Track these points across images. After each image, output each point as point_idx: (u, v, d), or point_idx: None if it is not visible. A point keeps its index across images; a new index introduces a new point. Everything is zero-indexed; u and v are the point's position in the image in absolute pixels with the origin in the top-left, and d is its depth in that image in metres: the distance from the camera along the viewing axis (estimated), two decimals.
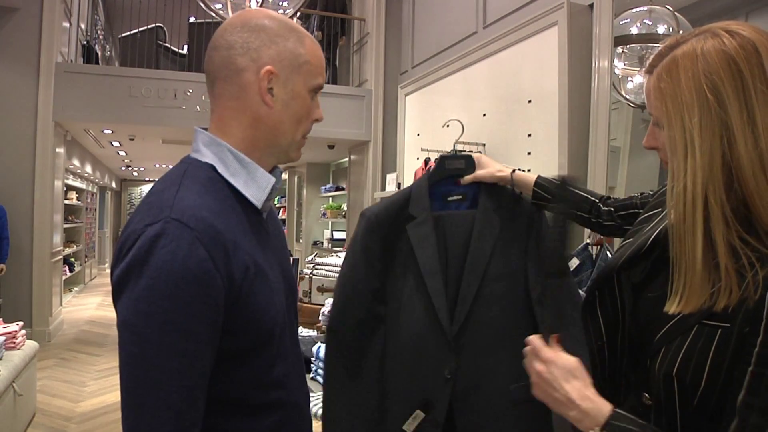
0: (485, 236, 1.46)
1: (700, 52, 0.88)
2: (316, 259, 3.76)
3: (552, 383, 0.98)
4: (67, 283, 9.77)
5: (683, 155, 0.88)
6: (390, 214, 1.48)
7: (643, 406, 1.02)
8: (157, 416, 0.84)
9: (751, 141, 0.84)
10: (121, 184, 17.56)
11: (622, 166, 3.59)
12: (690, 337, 0.90)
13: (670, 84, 0.91)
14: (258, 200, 1.03)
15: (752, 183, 0.84)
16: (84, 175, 10.74)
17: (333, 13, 7.28)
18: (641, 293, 1.06)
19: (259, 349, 0.98)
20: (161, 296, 0.84)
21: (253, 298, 0.94)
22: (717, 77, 0.86)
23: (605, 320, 1.12)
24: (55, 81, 6.05)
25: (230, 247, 0.91)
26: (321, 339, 2.63)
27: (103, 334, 7.24)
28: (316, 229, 9.82)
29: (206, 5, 3.51)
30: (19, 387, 3.64)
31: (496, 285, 1.45)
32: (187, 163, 1.02)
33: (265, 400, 1.01)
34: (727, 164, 0.85)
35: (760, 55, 0.85)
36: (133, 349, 0.85)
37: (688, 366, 0.89)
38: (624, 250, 1.11)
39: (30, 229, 6.16)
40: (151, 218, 0.88)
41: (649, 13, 3.18)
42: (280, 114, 1.02)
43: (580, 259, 2.92)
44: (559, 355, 1.01)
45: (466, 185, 1.53)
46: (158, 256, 0.84)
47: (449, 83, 5.38)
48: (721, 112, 0.85)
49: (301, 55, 1.02)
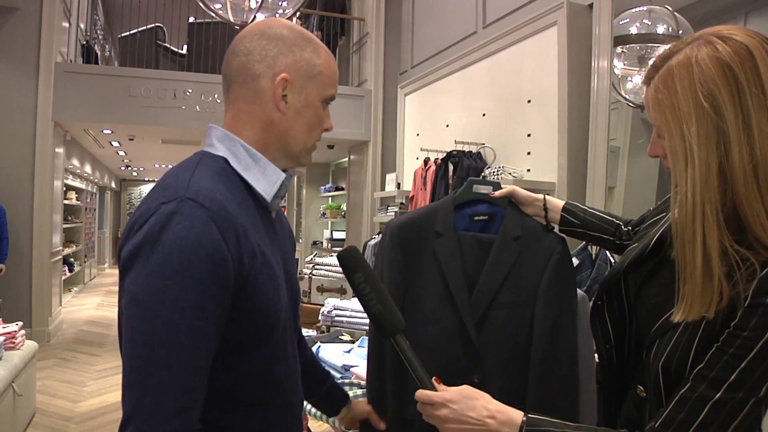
0: (500, 263, 1.48)
1: (695, 60, 0.89)
2: (316, 259, 3.77)
3: (461, 418, 1.02)
4: (67, 283, 9.76)
5: (684, 165, 0.89)
6: (413, 229, 1.51)
7: (639, 398, 1.05)
8: (164, 393, 0.83)
9: (746, 147, 0.85)
10: (120, 184, 17.56)
11: (621, 166, 3.59)
12: (679, 329, 0.93)
13: (667, 95, 0.92)
14: (268, 194, 1.05)
15: (743, 190, 0.85)
16: (83, 175, 10.73)
17: (332, 13, 7.27)
18: (642, 291, 1.08)
19: (259, 343, 0.99)
20: (174, 272, 0.84)
21: (259, 288, 0.95)
22: (713, 84, 0.86)
23: (613, 323, 1.14)
24: (54, 81, 6.05)
25: (241, 232, 0.92)
26: (321, 339, 2.63)
27: (102, 334, 7.24)
28: (315, 229, 9.82)
29: (206, 5, 3.51)
30: (19, 387, 3.63)
31: (501, 312, 1.47)
32: (201, 154, 1.03)
33: (260, 397, 1.02)
34: (723, 171, 0.86)
35: (755, 58, 0.86)
36: (142, 325, 0.84)
37: (673, 357, 0.93)
38: (629, 253, 1.14)
39: (29, 229, 6.16)
40: (166, 197, 0.89)
41: (649, 13, 3.19)
42: (292, 121, 1.05)
43: (579, 259, 2.93)
44: (449, 392, 1.06)
45: (494, 206, 1.54)
46: (172, 233, 0.85)
47: (449, 83, 5.39)
48: (717, 120, 0.86)
49: (316, 66, 1.05)
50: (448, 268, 1.47)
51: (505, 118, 4.45)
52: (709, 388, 0.87)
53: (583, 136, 3.66)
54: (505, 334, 1.47)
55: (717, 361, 0.87)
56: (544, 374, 1.43)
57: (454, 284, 1.46)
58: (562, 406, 1.42)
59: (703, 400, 0.87)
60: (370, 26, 7.03)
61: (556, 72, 3.81)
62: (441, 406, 1.04)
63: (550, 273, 1.47)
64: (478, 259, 1.49)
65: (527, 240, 1.49)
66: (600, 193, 3.49)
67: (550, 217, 1.52)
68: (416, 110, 6.11)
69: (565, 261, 1.49)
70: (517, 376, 1.46)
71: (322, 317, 2.92)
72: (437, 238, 1.50)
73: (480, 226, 1.54)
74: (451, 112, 5.31)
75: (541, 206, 1.52)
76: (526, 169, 4.14)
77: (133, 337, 0.85)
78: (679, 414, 0.89)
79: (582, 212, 1.51)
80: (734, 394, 0.85)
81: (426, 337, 1.46)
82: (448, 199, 1.55)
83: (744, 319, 0.85)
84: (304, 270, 3.70)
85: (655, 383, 0.97)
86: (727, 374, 0.86)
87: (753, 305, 0.85)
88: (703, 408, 0.87)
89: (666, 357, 0.94)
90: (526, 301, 1.47)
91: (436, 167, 4.65)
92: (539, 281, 1.47)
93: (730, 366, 0.86)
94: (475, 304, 1.46)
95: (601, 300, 1.17)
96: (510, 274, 1.47)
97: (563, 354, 1.44)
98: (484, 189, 1.54)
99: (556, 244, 1.49)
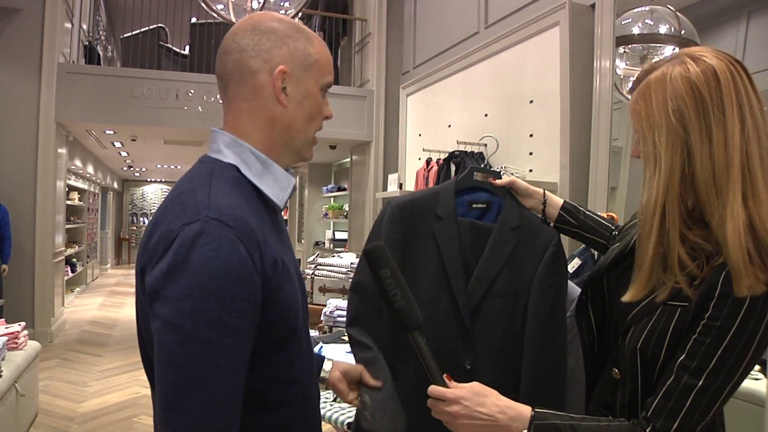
0: (497, 252, 1.49)
1: (669, 78, 1.02)
2: (318, 259, 3.77)
3: (471, 414, 1.06)
4: (69, 284, 9.77)
5: (653, 168, 1.03)
6: (415, 209, 1.52)
7: (613, 380, 1.16)
8: (206, 413, 0.84)
9: (706, 157, 0.98)
10: (123, 184, 17.58)
11: (623, 167, 3.59)
12: (655, 315, 1.05)
13: (644, 106, 1.05)
14: (281, 200, 1.06)
15: (704, 194, 0.99)
16: (86, 176, 10.75)
17: (334, 14, 7.27)
18: (621, 285, 1.18)
19: (283, 346, 1.00)
20: (205, 294, 0.84)
21: (281, 294, 0.96)
22: (681, 101, 1.00)
23: (596, 317, 1.25)
24: (57, 81, 6.07)
25: (262, 245, 0.92)
26: (323, 339, 2.63)
27: (105, 334, 7.25)
28: (317, 230, 9.82)
29: (208, 6, 3.52)
30: (22, 387, 3.64)
31: (496, 301, 1.48)
32: (212, 164, 1.02)
33: (284, 396, 1.02)
34: (686, 177, 1.00)
35: (719, 80, 0.99)
36: (178, 348, 0.84)
37: (650, 341, 1.04)
38: (612, 252, 1.25)
39: (32, 229, 6.17)
40: (188, 218, 0.88)
41: (651, 13, 3.18)
42: (295, 112, 1.05)
43: (582, 260, 2.92)
44: (460, 388, 1.09)
45: (493, 196, 1.56)
46: (200, 255, 0.85)
47: (451, 83, 5.38)
48: (682, 133, 1.00)
49: (311, 54, 1.05)
50: (446, 253, 1.48)
51: (508, 119, 4.45)
52: (692, 377, 0.97)
53: (585, 137, 3.66)
54: (499, 323, 1.48)
55: (696, 351, 0.98)
56: (537, 364, 1.45)
57: (451, 269, 1.48)
58: (552, 395, 1.45)
59: (687, 389, 0.97)
60: (372, 26, 7.03)
61: (559, 72, 3.81)
62: (452, 403, 1.07)
63: (546, 265, 1.49)
64: (475, 246, 1.51)
65: (525, 231, 1.51)
66: (602, 193, 3.49)
67: (548, 213, 1.55)
68: (418, 110, 6.11)
69: (560, 254, 1.51)
70: (508, 365, 1.47)
71: (324, 318, 2.92)
72: (437, 222, 1.51)
73: (477, 214, 1.55)
74: (453, 112, 5.31)
75: (540, 200, 1.55)
76: (528, 169, 4.14)
77: (171, 361, 0.85)
78: (667, 403, 0.99)
79: (581, 215, 1.54)
80: (714, 379, 0.96)
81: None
82: (449, 184, 1.56)
83: (715, 309, 0.97)
84: (306, 270, 3.70)
85: (631, 365, 1.08)
86: (707, 362, 0.96)
87: (721, 296, 0.96)
88: (688, 396, 0.97)
89: (643, 340, 1.05)
90: (520, 292, 1.49)
91: (438, 167, 4.65)
92: (534, 272, 1.49)
93: (707, 355, 0.96)
94: (472, 292, 1.47)
95: (585, 295, 1.27)
96: (506, 264, 1.49)
97: (554, 346, 1.47)
98: (486, 177, 1.56)
99: (552, 237, 1.51)
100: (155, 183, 18.04)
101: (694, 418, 0.97)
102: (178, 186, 0.99)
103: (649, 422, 1.00)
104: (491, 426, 1.06)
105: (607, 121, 3.49)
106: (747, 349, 0.95)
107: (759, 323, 0.94)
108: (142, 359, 1.02)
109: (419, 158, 5.53)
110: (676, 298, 1.02)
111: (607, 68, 3.49)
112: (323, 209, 9.37)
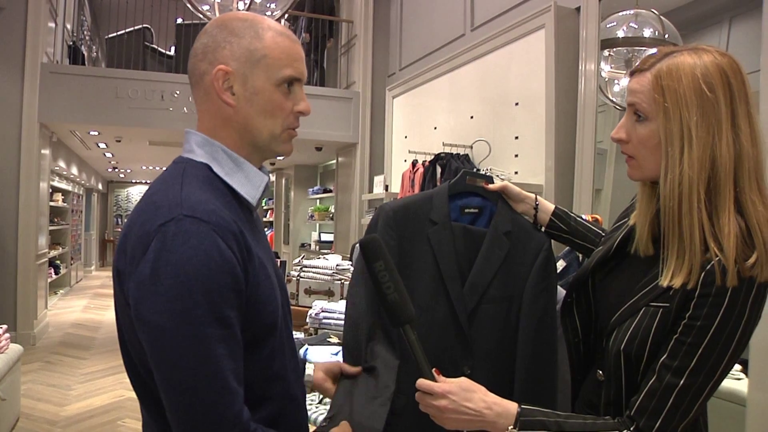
0: (491, 257, 1.49)
1: (699, 60, 1.02)
2: (304, 261, 3.75)
3: (458, 409, 1.07)
4: (53, 286, 9.67)
5: (680, 147, 1.01)
6: (409, 214, 1.52)
7: (596, 381, 1.17)
8: (220, 403, 0.87)
9: (732, 142, 0.99)
10: (107, 186, 17.44)
11: (608, 169, 3.61)
12: (638, 317, 1.06)
13: (671, 82, 1.02)
14: (253, 198, 1.06)
15: (723, 179, 0.99)
16: (70, 177, 10.65)
17: (321, 15, 7.27)
18: (605, 287, 1.22)
19: (261, 342, 1.00)
20: (192, 291, 0.85)
21: (260, 289, 0.97)
22: (714, 82, 1.00)
23: (581, 319, 1.27)
24: (40, 82, 6.00)
25: (240, 238, 0.93)
26: (309, 341, 2.62)
27: (89, 337, 7.18)
28: (303, 231, 9.80)
29: (193, 6, 3.50)
30: (3, 391, 3.60)
31: (491, 305, 1.49)
32: (184, 163, 1.02)
33: (267, 392, 1.03)
34: (712, 159, 1.00)
35: (743, 75, 1.02)
36: (179, 349, 0.85)
37: (633, 342, 1.06)
38: (596, 255, 1.27)
39: (15, 231, 6.09)
40: (163, 218, 0.88)
41: (636, 16, 3.21)
42: (246, 111, 1.03)
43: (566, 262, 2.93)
44: (448, 383, 1.10)
45: (485, 200, 1.56)
46: (180, 254, 0.86)
47: (437, 85, 5.40)
48: (716, 112, 1.00)
49: (258, 50, 1.02)
50: (442, 258, 1.48)
51: (493, 121, 4.47)
52: (674, 377, 0.99)
53: (570, 139, 3.68)
54: (494, 327, 1.49)
55: (678, 351, 1.00)
56: (530, 367, 1.46)
57: (447, 274, 1.48)
58: (545, 397, 1.45)
59: (669, 388, 0.99)
60: (359, 28, 7.04)
61: (544, 75, 3.83)
62: (440, 397, 1.08)
63: (538, 270, 1.49)
64: (468, 251, 1.51)
65: (517, 236, 1.51)
66: (587, 195, 3.51)
67: (539, 218, 1.54)
68: (404, 112, 6.12)
69: (551, 259, 1.52)
70: (503, 368, 1.48)
71: (309, 319, 2.91)
72: (432, 227, 1.51)
73: (469, 219, 1.55)
74: (439, 114, 5.32)
75: (532, 205, 1.54)
76: (513, 171, 4.16)
77: (175, 363, 0.86)
78: (650, 402, 1.01)
79: (573, 221, 1.55)
80: (695, 378, 0.98)
81: (417, 325, 1.47)
82: (443, 188, 1.56)
83: (696, 309, 0.99)
84: (292, 272, 3.69)
85: (615, 366, 1.09)
86: (688, 361, 0.98)
87: (701, 296, 0.98)
88: (670, 395, 0.99)
89: (627, 341, 1.06)
90: (513, 296, 1.50)
91: (424, 169, 4.65)
92: (527, 277, 1.50)
93: (688, 354, 0.99)
94: (468, 297, 1.48)
95: (570, 297, 1.29)
96: (500, 268, 1.49)
97: (546, 349, 1.48)
98: (479, 182, 1.57)
99: (543, 242, 1.52)
100: (140, 184, 17.89)
101: (676, 416, 0.99)
102: (151, 187, 1.00)
103: (633, 421, 1.02)
104: (478, 421, 1.07)
105: (591, 123, 3.51)
106: (727, 348, 0.97)
107: (738, 322, 0.97)
108: (124, 362, 1.02)
109: (405, 160, 5.53)
110: (658, 299, 1.04)
111: (591, 71, 3.51)
112: (309, 211, 9.36)
